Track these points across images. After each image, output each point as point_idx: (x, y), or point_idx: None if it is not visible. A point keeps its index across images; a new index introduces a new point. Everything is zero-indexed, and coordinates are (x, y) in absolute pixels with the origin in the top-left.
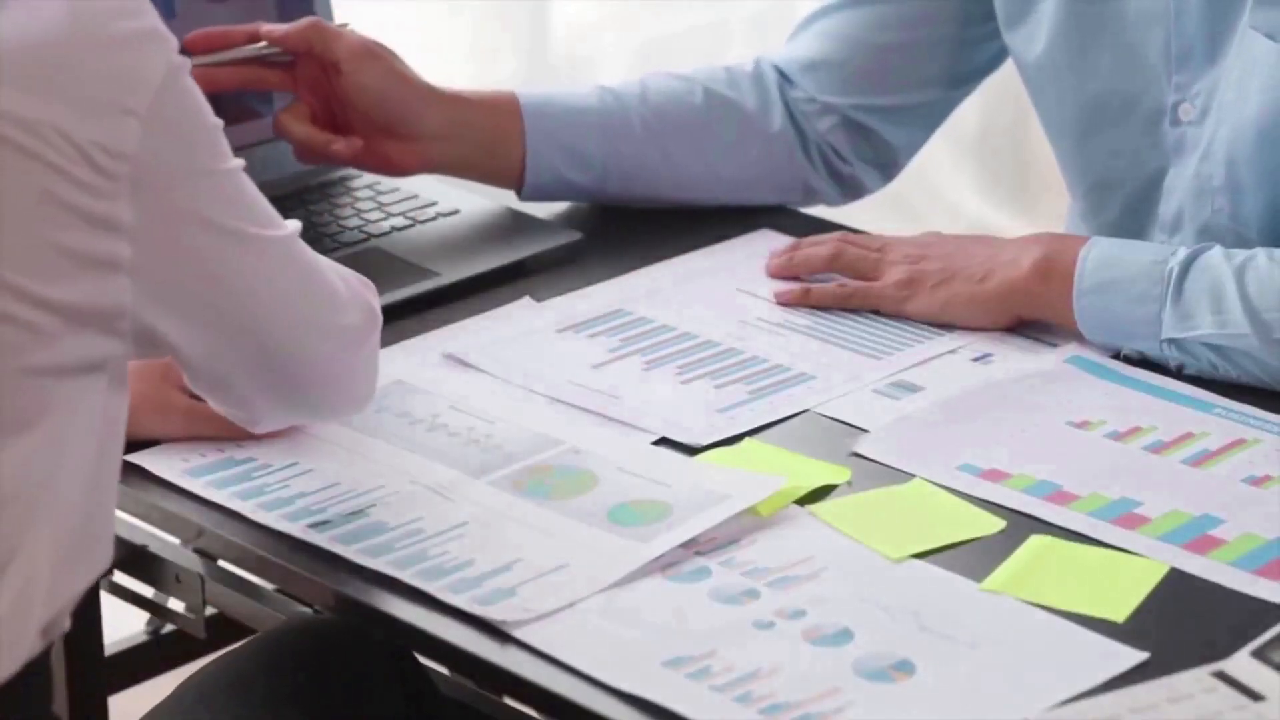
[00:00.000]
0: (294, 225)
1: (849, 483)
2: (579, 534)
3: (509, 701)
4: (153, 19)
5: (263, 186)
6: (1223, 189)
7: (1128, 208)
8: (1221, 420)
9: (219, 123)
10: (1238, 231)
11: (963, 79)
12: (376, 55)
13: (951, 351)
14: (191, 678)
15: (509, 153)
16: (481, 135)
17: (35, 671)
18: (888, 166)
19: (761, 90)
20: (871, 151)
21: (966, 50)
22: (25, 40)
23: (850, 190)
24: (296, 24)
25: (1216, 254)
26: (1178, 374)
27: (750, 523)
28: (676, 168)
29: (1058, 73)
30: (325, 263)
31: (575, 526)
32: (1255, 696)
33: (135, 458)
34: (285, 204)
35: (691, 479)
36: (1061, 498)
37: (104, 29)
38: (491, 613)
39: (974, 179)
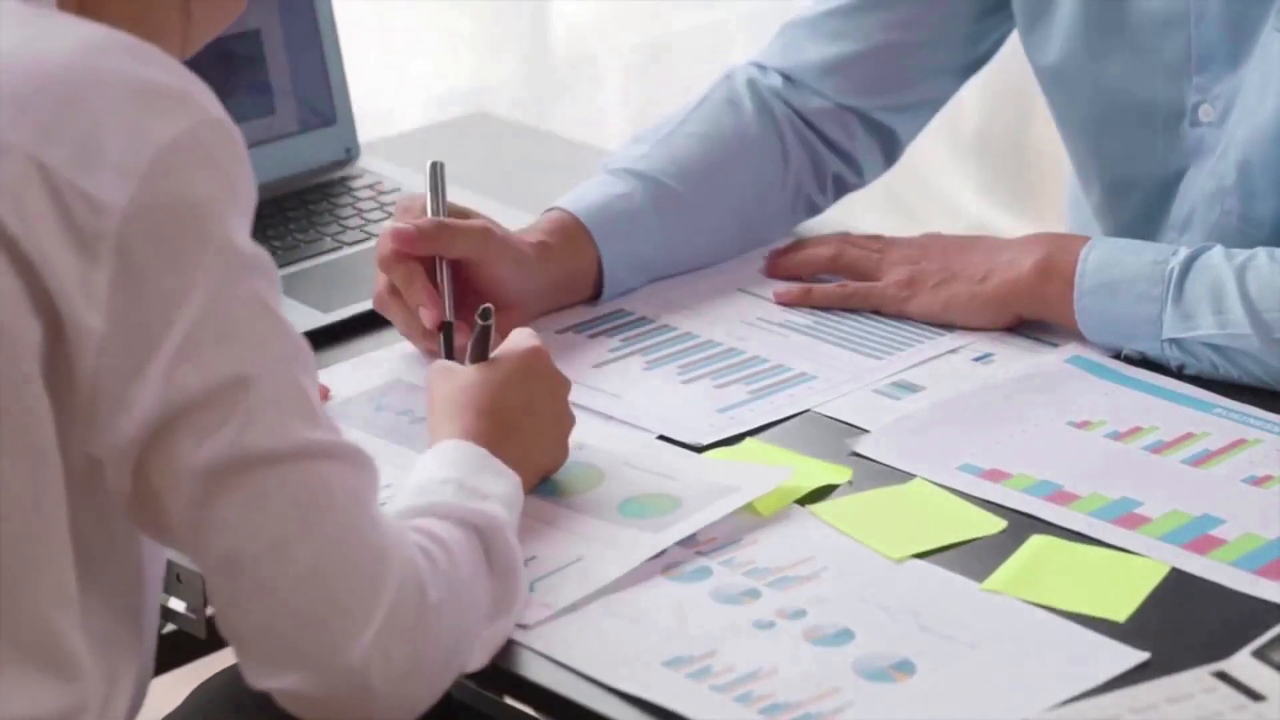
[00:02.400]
0: (351, 441)
1: (849, 482)
2: (591, 528)
3: (509, 701)
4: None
5: (263, 187)
6: (1233, 190)
7: (1145, 207)
8: (1222, 420)
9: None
10: (1247, 233)
11: (972, 67)
12: (504, 248)
13: (952, 351)
14: (203, 685)
15: (586, 284)
16: (566, 278)
17: None
18: (890, 161)
19: (775, 133)
20: (883, 155)
21: (977, 40)
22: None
23: (845, 193)
24: (425, 236)
25: (1217, 254)
26: (1178, 374)
27: (751, 523)
28: (718, 247)
29: (1074, 76)
30: (371, 514)
31: (586, 521)
32: (1255, 696)
33: None
34: (285, 204)
35: (698, 472)
36: (1062, 498)
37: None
38: None
39: (974, 179)
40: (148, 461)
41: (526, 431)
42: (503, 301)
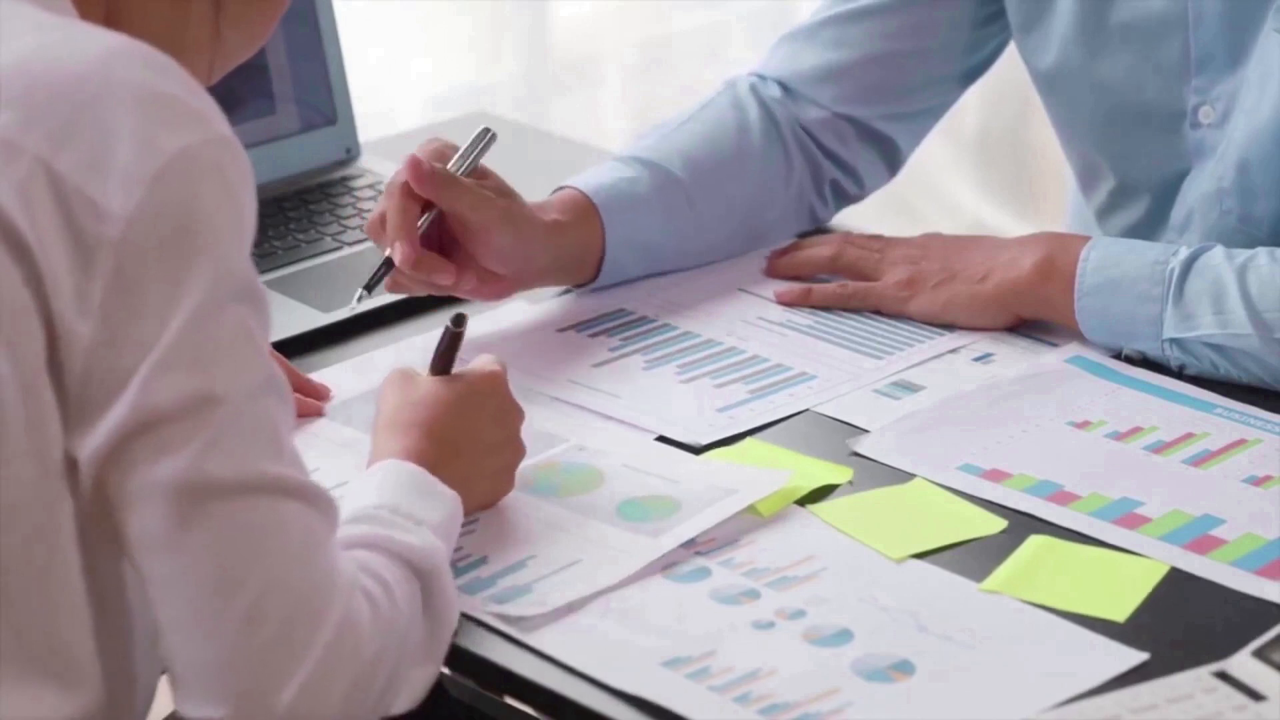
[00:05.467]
0: (320, 488)
1: (850, 482)
2: (590, 530)
3: (510, 701)
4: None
5: (263, 187)
6: (1232, 190)
7: (1147, 210)
8: (1222, 420)
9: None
10: (1246, 233)
11: (971, 75)
12: (508, 217)
13: (952, 351)
14: None
15: (590, 264)
16: (573, 257)
17: None
18: (892, 171)
19: (778, 137)
20: (884, 164)
21: (977, 48)
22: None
23: (845, 203)
24: (432, 180)
25: (1218, 254)
26: (1178, 374)
27: (750, 523)
28: (719, 243)
29: (1072, 79)
30: (333, 557)
31: (585, 523)
32: (1255, 696)
33: None
34: (286, 204)
35: (698, 475)
36: (1062, 498)
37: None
38: (509, 610)
39: (974, 179)
40: (108, 470)
41: (470, 457)
42: (493, 270)
